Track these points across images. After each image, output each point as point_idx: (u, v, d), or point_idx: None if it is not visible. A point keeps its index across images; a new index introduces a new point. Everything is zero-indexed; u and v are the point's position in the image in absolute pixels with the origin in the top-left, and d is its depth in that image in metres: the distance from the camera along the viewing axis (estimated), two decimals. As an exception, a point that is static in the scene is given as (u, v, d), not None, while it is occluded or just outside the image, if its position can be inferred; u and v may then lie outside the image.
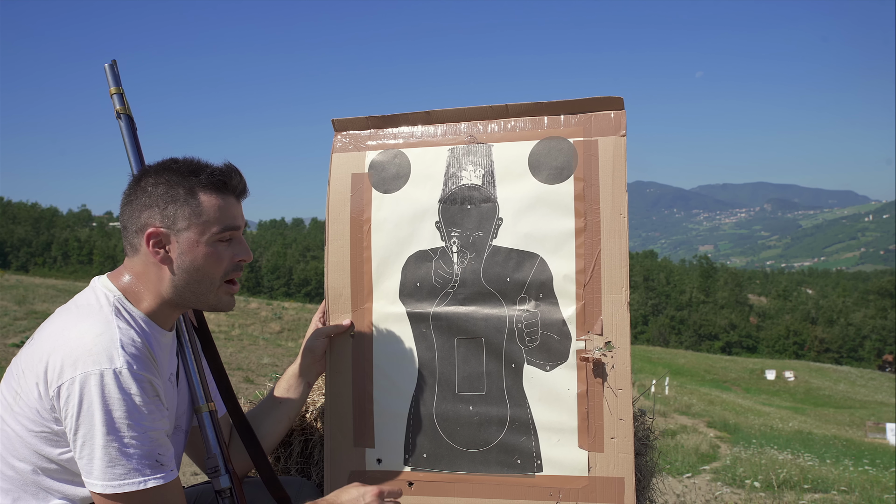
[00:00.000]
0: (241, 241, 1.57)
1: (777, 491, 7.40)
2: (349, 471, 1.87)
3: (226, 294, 1.56)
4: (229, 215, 1.52)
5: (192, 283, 1.51)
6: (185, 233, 1.48)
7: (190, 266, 1.49)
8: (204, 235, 1.49)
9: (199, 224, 1.48)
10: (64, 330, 1.41)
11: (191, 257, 1.49)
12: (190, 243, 1.48)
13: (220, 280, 1.53)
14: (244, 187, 1.57)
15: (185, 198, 1.48)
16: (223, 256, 1.52)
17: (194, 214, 1.48)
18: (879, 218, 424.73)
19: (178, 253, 1.49)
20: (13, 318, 16.71)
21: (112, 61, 1.82)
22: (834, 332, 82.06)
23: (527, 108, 1.86)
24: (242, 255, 1.55)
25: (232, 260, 1.54)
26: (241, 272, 1.58)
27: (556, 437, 1.76)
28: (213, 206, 1.49)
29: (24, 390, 1.40)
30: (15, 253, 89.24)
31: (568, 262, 1.77)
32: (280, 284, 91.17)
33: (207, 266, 1.50)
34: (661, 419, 15.94)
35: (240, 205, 1.57)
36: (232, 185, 1.53)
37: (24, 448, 1.41)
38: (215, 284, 1.53)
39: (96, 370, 1.33)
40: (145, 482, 1.34)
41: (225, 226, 1.51)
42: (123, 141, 1.78)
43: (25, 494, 1.43)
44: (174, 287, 1.51)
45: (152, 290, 1.52)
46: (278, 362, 16.69)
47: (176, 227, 1.48)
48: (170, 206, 1.48)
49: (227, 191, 1.52)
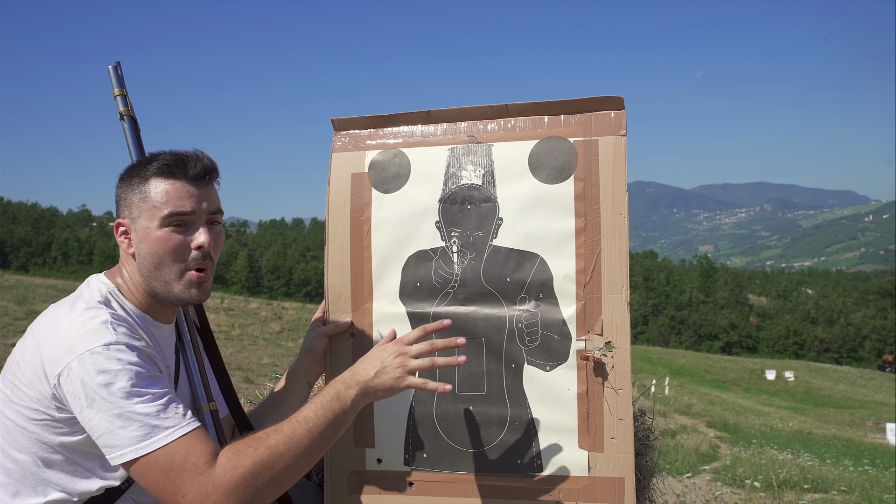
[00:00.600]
0: (198, 226, 1.51)
1: (777, 491, 7.40)
2: (349, 470, 1.87)
3: (190, 286, 1.51)
4: (176, 199, 1.48)
5: (154, 272, 1.50)
6: (139, 220, 1.49)
7: (147, 253, 1.49)
8: (153, 221, 1.47)
9: (147, 210, 1.48)
10: (56, 320, 1.42)
11: (146, 244, 1.48)
12: (144, 230, 1.48)
13: (180, 268, 1.50)
14: (202, 172, 1.51)
15: (137, 186, 1.49)
16: (177, 242, 1.48)
17: (143, 201, 1.48)
18: (879, 218, 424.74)
19: (136, 241, 1.50)
20: (13, 318, 16.72)
21: (116, 63, 1.82)
22: (834, 332, 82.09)
23: (527, 108, 1.86)
24: (199, 241, 1.49)
25: (187, 246, 1.49)
26: (206, 262, 1.52)
27: (557, 437, 1.76)
28: (161, 191, 1.48)
29: (21, 381, 1.41)
30: (15, 253, 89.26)
31: (568, 261, 1.77)
32: (280, 284, 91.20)
33: (160, 252, 1.48)
34: (661, 419, 15.94)
35: (199, 190, 1.51)
36: (183, 170, 1.49)
37: (25, 439, 1.41)
38: (174, 272, 1.49)
39: (91, 348, 1.34)
40: (172, 433, 1.33)
41: (172, 210, 1.47)
42: (127, 142, 1.78)
43: (25, 488, 1.43)
44: (143, 277, 1.51)
45: (135, 283, 1.54)
46: (278, 362, 16.69)
47: (132, 215, 1.50)
48: (128, 195, 1.50)
49: (177, 175, 1.49)
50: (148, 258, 1.49)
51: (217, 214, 1.55)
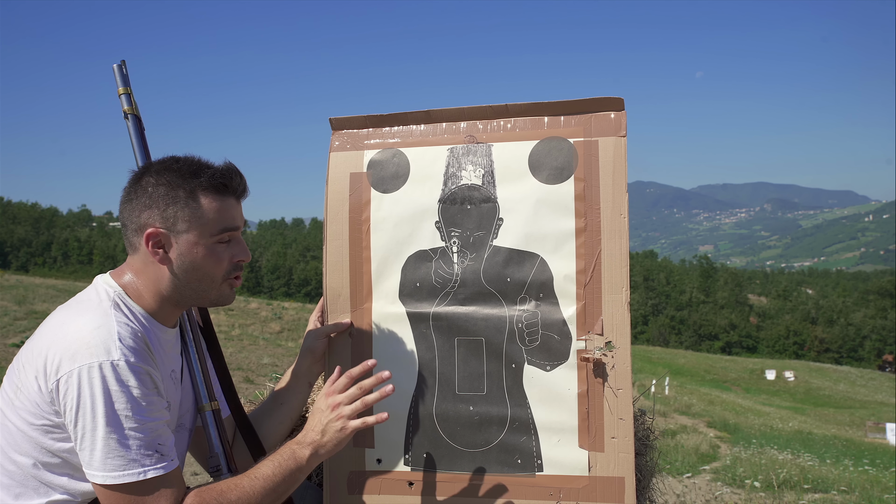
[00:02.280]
0: (240, 241, 1.58)
1: (777, 491, 7.40)
2: (349, 471, 1.87)
3: (228, 289, 1.59)
4: (228, 217, 1.53)
5: (193, 283, 1.53)
6: (184, 234, 1.49)
7: (190, 266, 1.51)
8: (203, 237, 1.50)
9: (198, 226, 1.50)
10: (63, 324, 1.42)
11: (190, 258, 1.51)
12: (189, 245, 1.50)
13: (221, 280, 1.55)
14: (244, 188, 1.58)
15: (185, 200, 1.49)
16: (222, 257, 1.54)
17: (195, 217, 1.49)
18: (879, 218, 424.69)
19: (177, 254, 1.50)
20: (13, 318, 16.72)
21: (121, 62, 1.82)
22: (834, 332, 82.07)
23: (527, 108, 1.86)
24: (241, 256, 1.57)
25: (231, 260, 1.56)
26: (242, 271, 1.60)
27: (557, 436, 1.76)
28: (213, 208, 1.51)
29: (23, 384, 1.41)
30: (15, 253, 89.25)
31: (568, 262, 1.77)
32: (280, 284, 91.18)
33: (207, 267, 1.52)
34: (661, 419, 15.94)
35: (239, 205, 1.58)
36: (232, 187, 1.54)
37: (26, 442, 1.42)
38: (216, 283, 1.55)
39: (94, 363, 1.34)
40: (145, 473, 1.36)
41: (224, 227, 1.52)
42: (131, 141, 1.78)
43: (26, 490, 1.43)
44: (174, 286, 1.53)
45: (152, 288, 1.53)
46: (278, 362, 16.69)
47: (176, 228, 1.49)
48: (170, 207, 1.49)
49: (227, 192, 1.53)
50: (191, 271, 1.52)
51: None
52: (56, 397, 1.36)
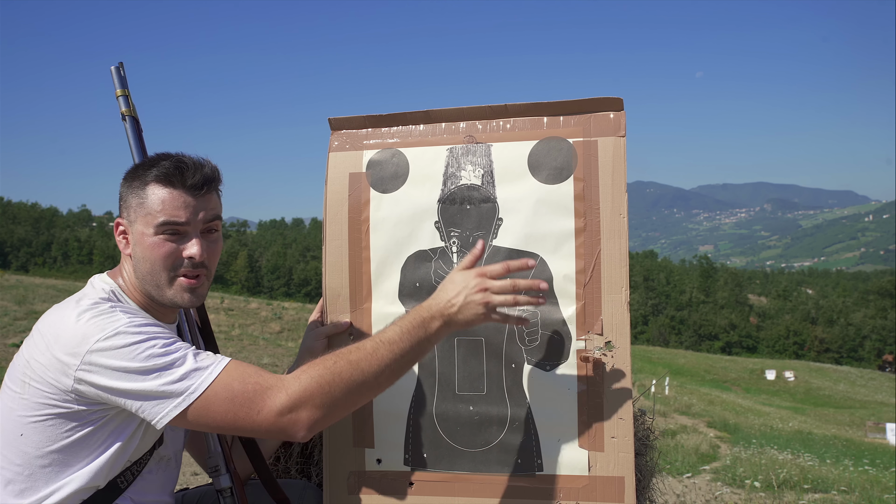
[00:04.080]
0: (192, 236, 1.51)
1: (777, 491, 7.40)
2: (349, 471, 1.87)
3: (181, 290, 1.52)
4: (171, 208, 1.48)
5: (147, 275, 1.51)
6: (135, 224, 1.50)
7: (140, 257, 1.51)
8: (149, 227, 1.48)
9: (143, 216, 1.49)
10: (63, 318, 1.43)
11: (140, 248, 1.50)
12: (139, 234, 1.50)
13: (168, 275, 1.51)
14: (201, 182, 1.51)
15: (136, 190, 1.50)
16: (169, 250, 1.49)
17: (140, 206, 1.49)
18: (879, 218, 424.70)
19: (133, 243, 1.52)
20: (13, 318, 16.72)
21: (119, 63, 1.82)
22: (834, 332, 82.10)
23: (526, 108, 1.86)
24: (189, 252, 1.50)
25: (178, 255, 1.50)
26: (197, 269, 1.53)
27: (557, 436, 1.76)
28: (157, 199, 1.48)
29: (33, 379, 1.41)
30: (15, 253, 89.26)
31: (568, 262, 1.77)
32: (280, 284, 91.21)
33: (152, 258, 1.49)
34: (661, 419, 15.95)
35: (197, 200, 1.51)
36: (181, 179, 1.49)
37: (34, 435, 1.42)
38: (165, 278, 1.51)
39: (105, 334, 1.36)
40: (215, 367, 1.36)
41: (165, 219, 1.48)
42: (129, 142, 1.78)
43: (29, 485, 1.43)
44: (137, 278, 1.54)
45: (133, 283, 1.55)
46: (278, 362, 16.68)
47: (130, 217, 1.51)
48: (129, 198, 1.52)
49: (176, 184, 1.49)
50: (141, 261, 1.51)
51: (215, 222, 1.55)
52: (82, 384, 1.36)
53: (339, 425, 1.88)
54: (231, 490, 1.65)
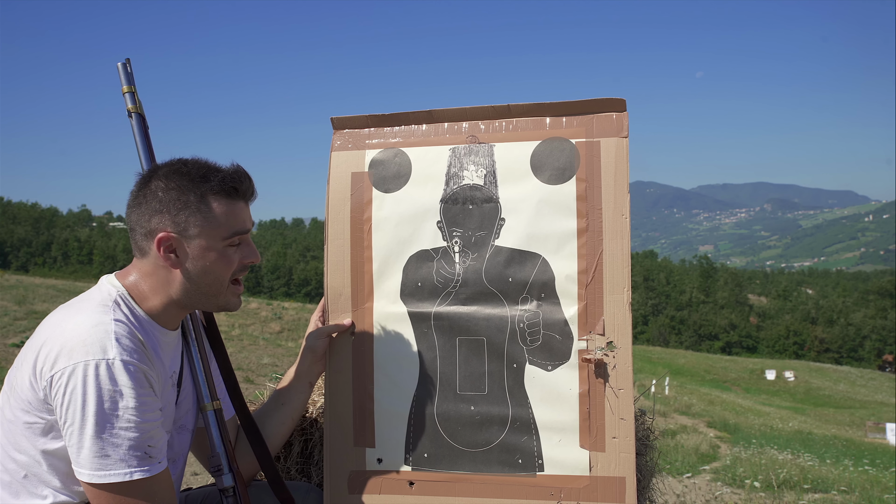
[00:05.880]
0: (249, 242, 1.60)
1: (777, 491, 7.40)
2: (349, 471, 1.87)
3: (233, 295, 1.60)
4: (238, 220, 1.55)
5: (203, 286, 1.54)
6: (196, 239, 1.50)
7: (201, 270, 1.52)
8: (215, 241, 1.52)
9: (210, 231, 1.51)
10: (61, 322, 1.43)
11: (202, 262, 1.52)
12: (201, 249, 1.51)
13: (229, 282, 1.57)
14: (253, 190, 1.60)
15: (196, 205, 1.50)
16: (232, 260, 1.55)
17: (206, 221, 1.50)
18: (879, 218, 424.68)
19: (189, 258, 1.51)
20: (13, 318, 16.72)
21: (126, 60, 1.82)
22: (834, 332, 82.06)
23: (529, 109, 1.86)
24: (251, 258, 1.59)
25: (241, 262, 1.57)
26: (246, 272, 1.62)
27: (558, 436, 1.76)
28: (224, 212, 1.52)
29: (18, 381, 1.42)
30: (15, 253, 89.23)
31: (570, 262, 1.77)
32: (280, 284, 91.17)
33: (217, 270, 1.54)
34: (661, 419, 15.95)
35: (248, 208, 1.60)
36: (241, 190, 1.55)
37: (25, 440, 1.42)
38: (224, 286, 1.56)
39: (90, 360, 1.35)
40: (131, 474, 1.36)
41: (234, 231, 1.54)
42: (135, 139, 1.78)
43: (26, 488, 1.43)
44: (184, 290, 1.53)
45: (160, 292, 1.53)
46: (278, 362, 16.69)
47: (188, 233, 1.50)
48: (181, 212, 1.49)
49: (236, 196, 1.55)
50: (201, 275, 1.52)
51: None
52: (48, 394, 1.36)
53: (340, 424, 1.88)
54: (234, 490, 1.65)
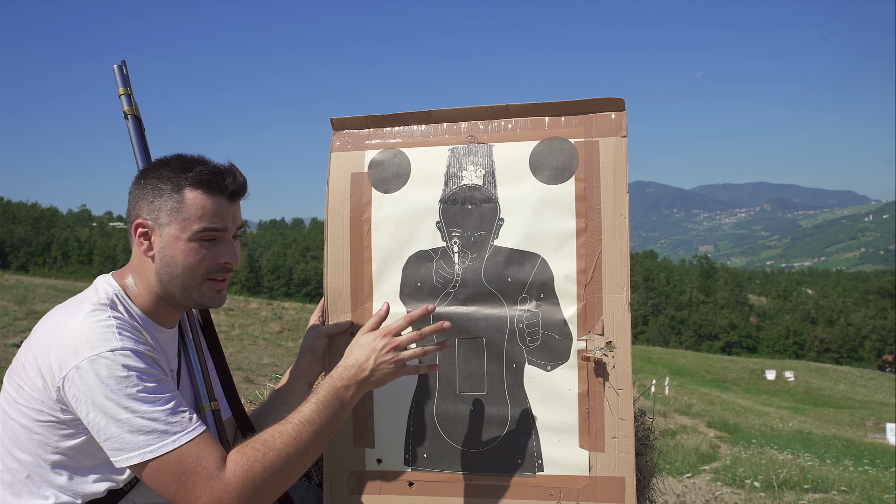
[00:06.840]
0: (228, 242, 1.54)
1: (777, 491, 7.40)
2: (349, 471, 1.87)
3: (210, 290, 1.54)
4: (214, 216, 1.50)
5: (174, 278, 1.51)
6: (167, 228, 1.49)
7: (170, 261, 1.50)
8: (185, 232, 1.48)
9: (179, 220, 1.48)
10: (61, 322, 1.42)
11: (171, 252, 1.49)
12: (171, 238, 1.49)
13: (201, 278, 1.52)
14: (239, 189, 1.54)
15: (170, 193, 1.48)
16: (204, 256, 1.50)
17: (175, 210, 1.48)
18: (879, 218, 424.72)
19: (159, 247, 1.50)
20: (13, 318, 16.73)
21: (121, 62, 1.82)
22: (834, 332, 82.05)
23: (528, 109, 1.86)
24: (227, 258, 1.53)
25: (215, 260, 1.52)
26: (227, 273, 1.56)
27: (557, 436, 1.76)
28: (197, 204, 1.48)
29: (26, 383, 1.41)
30: (15, 253, 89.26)
31: (569, 262, 1.77)
32: (280, 284, 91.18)
33: (187, 263, 1.49)
34: (661, 419, 15.95)
35: (232, 206, 1.54)
36: (222, 185, 1.50)
37: (29, 440, 1.42)
38: (196, 281, 1.52)
39: (96, 354, 1.35)
40: (179, 438, 1.35)
41: (206, 226, 1.49)
42: (131, 141, 1.78)
43: (28, 488, 1.43)
44: (159, 280, 1.52)
45: (146, 286, 1.53)
46: (278, 362, 16.70)
47: (159, 221, 1.49)
48: (156, 199, 1.49)
49: (216, 190, 1.50)
50: (171, 266, 1.50)
51: (241, 229, 1.58)
52: (63, 395, 1.36)
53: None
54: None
